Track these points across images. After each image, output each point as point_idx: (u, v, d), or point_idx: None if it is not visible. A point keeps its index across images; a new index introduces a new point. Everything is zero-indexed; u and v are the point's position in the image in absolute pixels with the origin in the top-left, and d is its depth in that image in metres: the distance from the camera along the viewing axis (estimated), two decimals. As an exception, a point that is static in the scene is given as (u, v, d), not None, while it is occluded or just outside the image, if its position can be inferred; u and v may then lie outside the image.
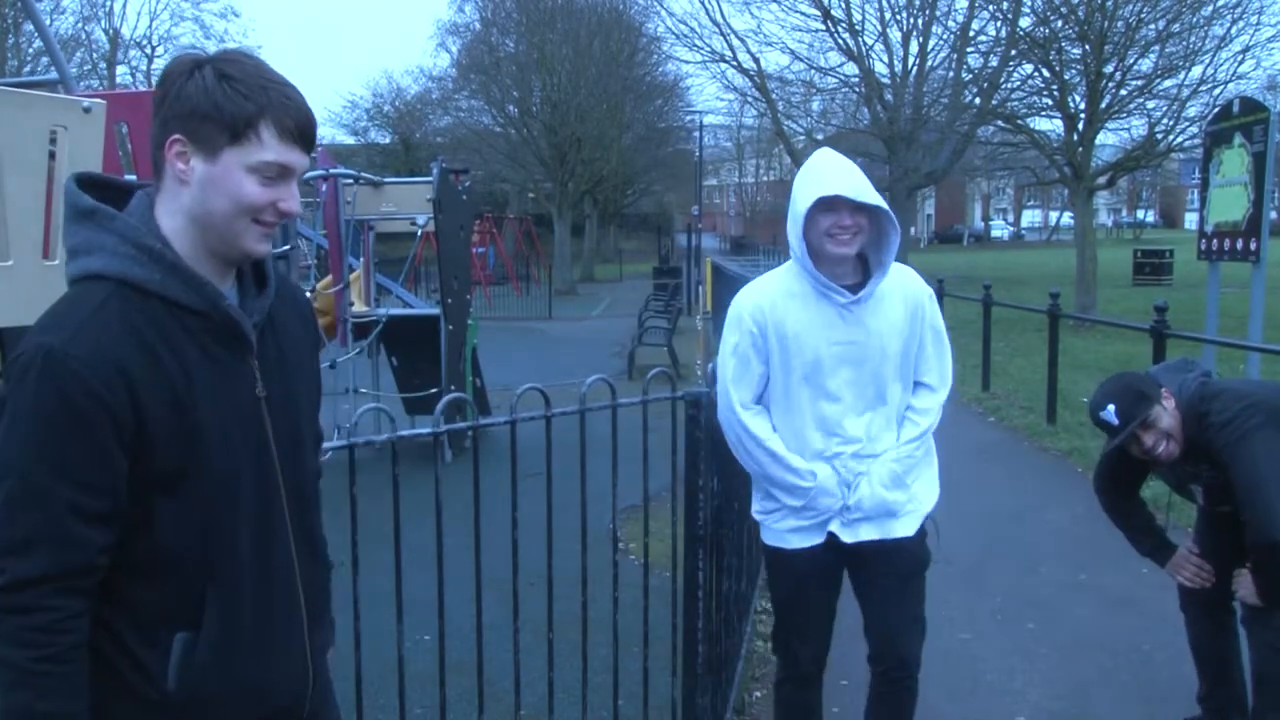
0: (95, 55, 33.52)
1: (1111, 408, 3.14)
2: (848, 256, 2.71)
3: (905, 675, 2.88)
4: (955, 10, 24.73)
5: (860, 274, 2.79)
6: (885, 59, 25.49)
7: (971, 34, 23.87)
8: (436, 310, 8.74)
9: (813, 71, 27.66)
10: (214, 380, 1.49)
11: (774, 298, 2.79)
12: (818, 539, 2.81)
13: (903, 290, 2.83)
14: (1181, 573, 3.36)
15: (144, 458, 1.43)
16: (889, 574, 2.85)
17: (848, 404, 2.76)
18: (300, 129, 1.49)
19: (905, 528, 2.84)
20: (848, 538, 2.80)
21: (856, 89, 26.33)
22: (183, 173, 1.47)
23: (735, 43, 26.04)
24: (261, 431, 1.56)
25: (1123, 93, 20.80)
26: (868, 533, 2.80)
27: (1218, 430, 3.02)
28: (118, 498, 1.42)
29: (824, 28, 24.97)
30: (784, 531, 2.84)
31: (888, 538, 2.81)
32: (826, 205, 2.65)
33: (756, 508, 2.94)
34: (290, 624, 1.62)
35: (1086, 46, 19.90)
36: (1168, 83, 20.91)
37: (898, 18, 25.36)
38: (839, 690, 3.22)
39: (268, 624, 1.57)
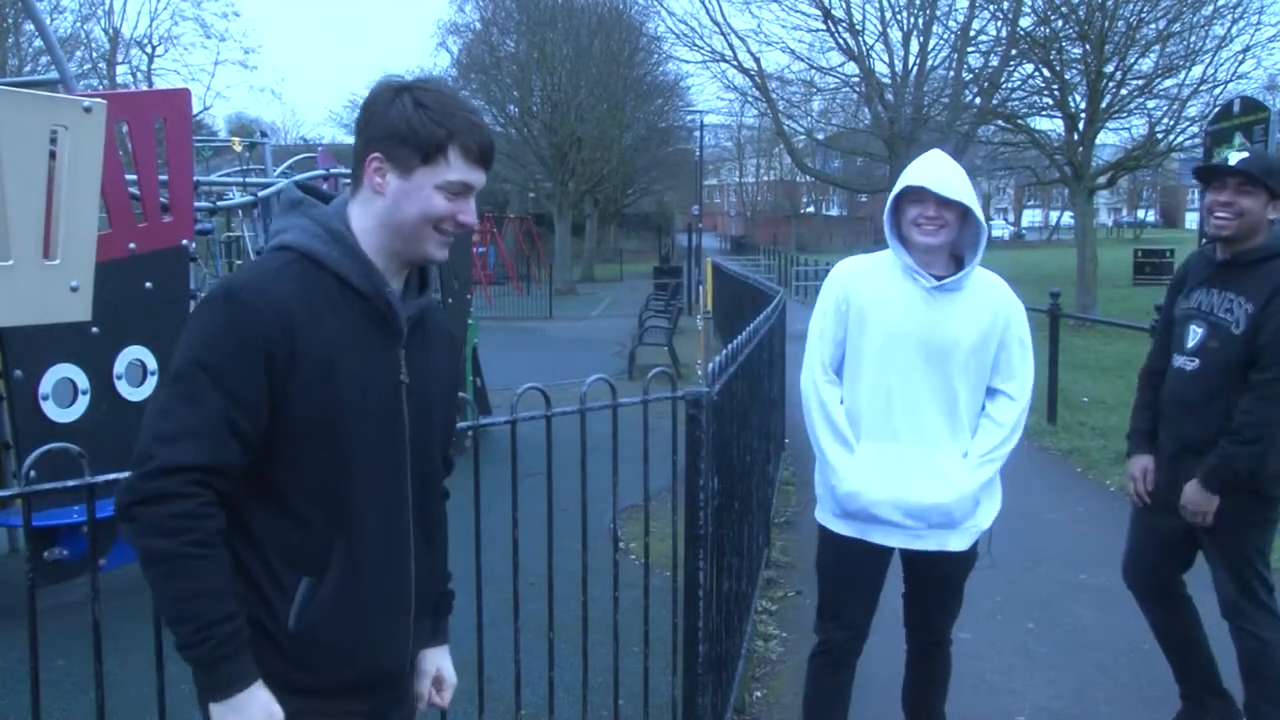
0: (95, 55, 33.47)
1: (1247, 156, 3.12)
2: (932, 246, 2.81)
3: (942, 648, 3.14)
4: (955, 10, 24.71)
5: (952, 269, 2.88)
6: (886, 59, 25.47)
7: (972, 34, 23.86)
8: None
9: (813, 71, 27.65)
10: (362, 356, 1.65)
11: (865, 269, 2.98)
12: (863, 534, 2.93)
13: (991, 295, 2.92)
14: (1134, 477, 3.37)
15: (287, 401, 1.59)
16: (939, 580, 3.02)
17: (914, 387, 2.83)
18: (482, 152, 1.68)
19: (960, 542, 2.89)
20: (897, 543, 2.91)
21: (857, 89, 26.33)
22: (379, 185, 1.67)
23: (735, 42, 26.05)
24: (398, 414, 1.70)
25: (1123, 92, 20.80)
26: (922, 544, 2.89)
27: None
28: (257, 422, 1.57)
29: (824, 27, 24.96)
30: (833, 515, 2.97)
31: (941, 550, 2.88)
32: (915, 196, 2.79)
33: (816, 490, 3.07)
34: (400, 598, 1.74)
35: (1087, 46, 19.90)
36: (1168, 82, 20.91)
37: (898, 17, 25.35)
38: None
39: (382, 590, 1.70)
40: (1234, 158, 3.10)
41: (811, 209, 70.64)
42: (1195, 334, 3.17)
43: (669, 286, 21.36)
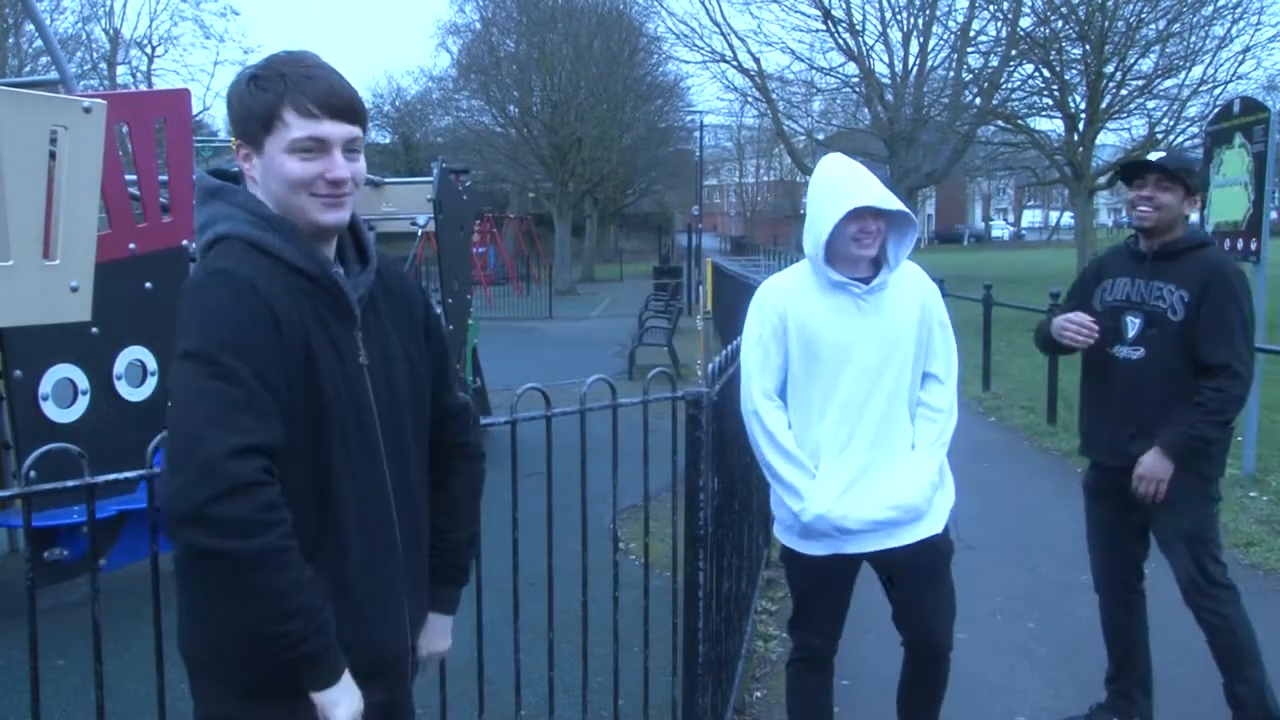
0: (95, 55, 33.47)
1: (1164, 154, 3.30)
2: (870, 256, 2.83)
3: (942, 658, 3.00)
4: (955, 10, 24.73)
5: (871, 269, 2.89)
6: (885, 59, 25.49)
7: (972, 34, 23.88)
8: (437, 310, 8.72)
9: (813, 71, 27.68)
10: (326, 340, 1.62)
11: (794, 289, 2.91)
12: (835, 549, 2.87)
13: (913, 283, 2.95)
14: (1067, 328, 3.36)
15: (290, 383, 1.55)
16: (920, 571, 2.91)
17: (864, 395, 2.82)
18: (321, 103, 1.60)
19: (932, 526, 2.89)
20: (872, 547, 2.85)
21: (857, 89, 26.34)
22: (250, 170, 1.66)
23: (735, 43, 26.06)
24: (365, 398, 1.67)
25: (1123, 93, 20.82)
26: (897, 541, 2.84)
27: (1215, 263, 3.23)
28: (281, 397, 1.52)
29: (824, 28, 24.97)
30: (799, 538, 2.90)
31: (918, 540, 2.86)
32: (854, 214, 2.76)
33: (775, 514, 3.01)
34: (392, 583, 1.72)
35: (1087, 46, 19.91)
36: (1168, 83, 20.94)
37: (898, 18, 25.36)
38: (840, 690, 3.21)
39: (372, 578, 1.67)
40: (1153, 156, 3.28)
41: (811, 209, 70.54)
42: (1133, 324, 3.32)
43: (669, 287, 21.39)
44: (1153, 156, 3.30)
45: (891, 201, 2.78)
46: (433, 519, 1.87)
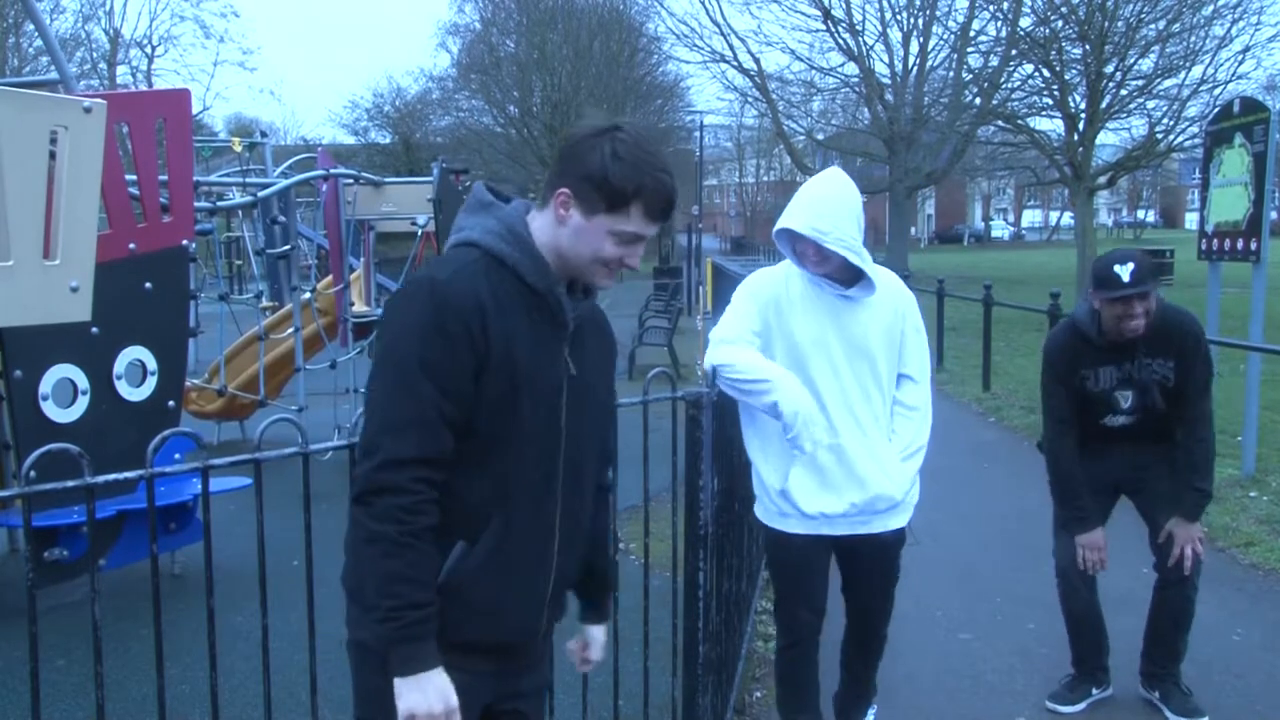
0: (95, 55, 33.51)
1: (1132, 266, 3.43)
2: (820, 273, 2.98)
3: (882, 628, 3.30)
4: (955, 10, 24.77)
5: (848, 273, 3.00)
6: (885, 59, 25.52)
7: (972, 34, 23.89)
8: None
9: (813, 71, 27.71)
10: (536, 347, 1.80)
11: (780, 279, 3.07)
12: (816, 530, 3.07)
13: (890, 292, 3.08)
14: (1092, 553, 3.67)
15: (480, 385, 1.73)
16: (879, 565, 3.17)
17: (843, 386, 2.99)
18: (664, 210, 1.82)
19: (902, 519, 3.11)
20: (845, 530, 3.06)
21: (857, 89, 26.36)
22: (562, 217, 1.81)
23: (735, 43, 26.10)
24: (559, 403, 1.84)
25: (1123, 93, 20.82)
26: (869, 529, 3.07)
27: (1182, 326, 3.57)
28: (465, 410, 1.73)
29: (824, 28, 24.99)
30: (779, 515, 3.11)
31: (886, 530, 3.09)
32: (791, 233, 2.93)
33: (757, 508, 3.20)
34: (539, 574, 1.89)
35: (1087, 46, 19.91)
36: (1168, 83, 20.94)
37: (898, 18, 25.38)
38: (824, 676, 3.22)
39: (524, 563, 1.85)
40: (1124, 272, 3.41)
41: (811, 209, 70.51)
42: (1127, 398, 3.63)
43: (669, 287, 21.36)
44: (1120, 271, 3.41)
45: (833, 239, 2.86)
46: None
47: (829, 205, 2.90)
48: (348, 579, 1.83)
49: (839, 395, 2.99)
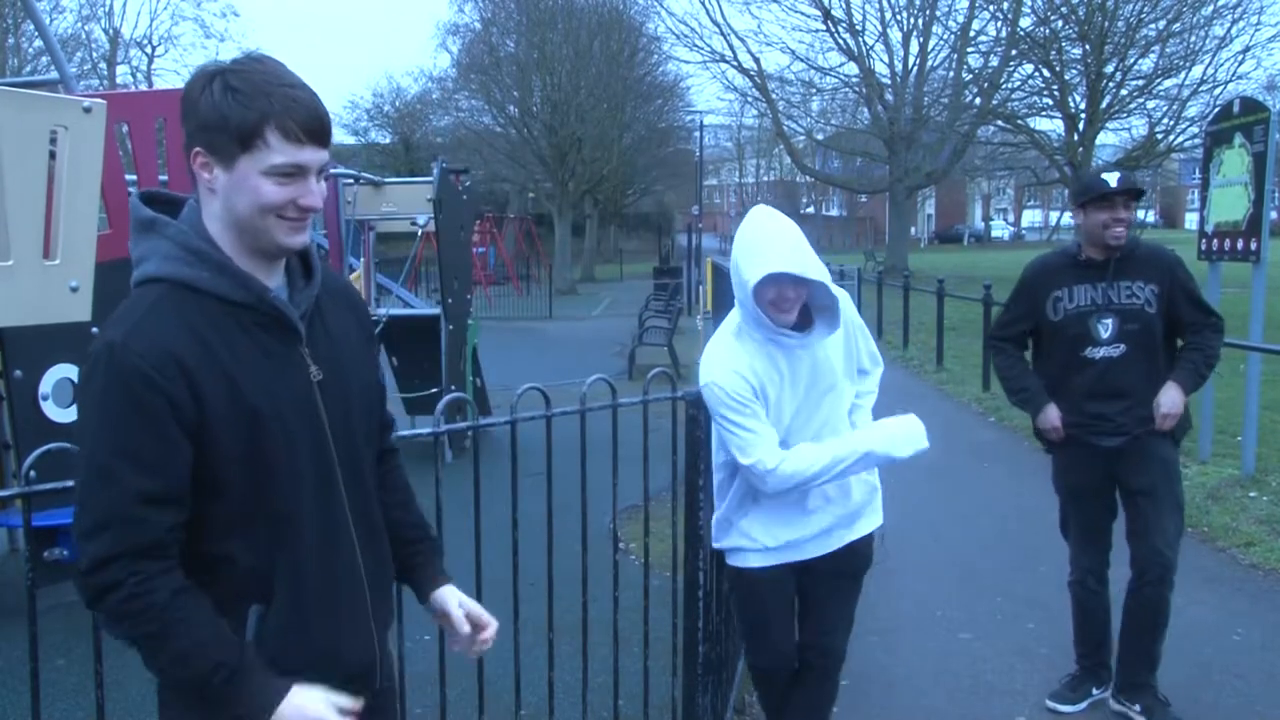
0: (95, 55, 33.53)
1: (1118, 173, 3.53)
2: (791, 320, 2.75)
3: (834, 665, 3.00)
4: (955, 10, 24.77)
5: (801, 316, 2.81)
6: (885, 59, 25.53)
7: (972, 34, 23.90)
8: (437, 310, 8.74)
9: (813, 71, 27.71)
10: (267, 369, 1.60)
11: (746, 355, 2.77)
12: (782, 560, 2.89)
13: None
14: (1051, 423, 3.66)
15: (209, 443, 1.54)
16: (848, 575, 2.96)
17: (823, 420, 2.82)
18: (306, 128, 1.56)
19: (872, 521, 2.96)
20: (835, 545, 2.88)
21: (857, 89, 26.36)
22: (209, 181, 1.58)
23: (735, 43, 26.14)
24: (316, 416, 1.65)
25: (1123, 93, 20.84)
26: (855, 535, 2.91)
27: (1166, 255, 3.64)
28: (181, 481, 1.53)
29: (824, 28, 25.01)
30: (752, 553, 2.89)
31: (858, 537, 2.92)
32: (772, 280, 2.67)
33: (722, 543, 2.95)
34: (354, 598, 1.72)
35: (1087, 46, 19.92)
36: (1168, 83, 20.97)
37: (898, 18, 25.39)
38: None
39: (332, 597, 1.68)
40: (1111, 178, 3.51)
41: (811, 209, 70.59)
42: (1107, 325, 3.58)
43: (669, 287, 21.37)
44: (1107, 177, 3.52)
45: (810, 270, 2.68)
46: (390, 517, 1.88)
47: (788, 238, 2.72)
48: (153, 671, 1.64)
49: (822, 429, 2.82)
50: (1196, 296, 3.63)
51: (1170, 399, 3.53)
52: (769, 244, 2.70)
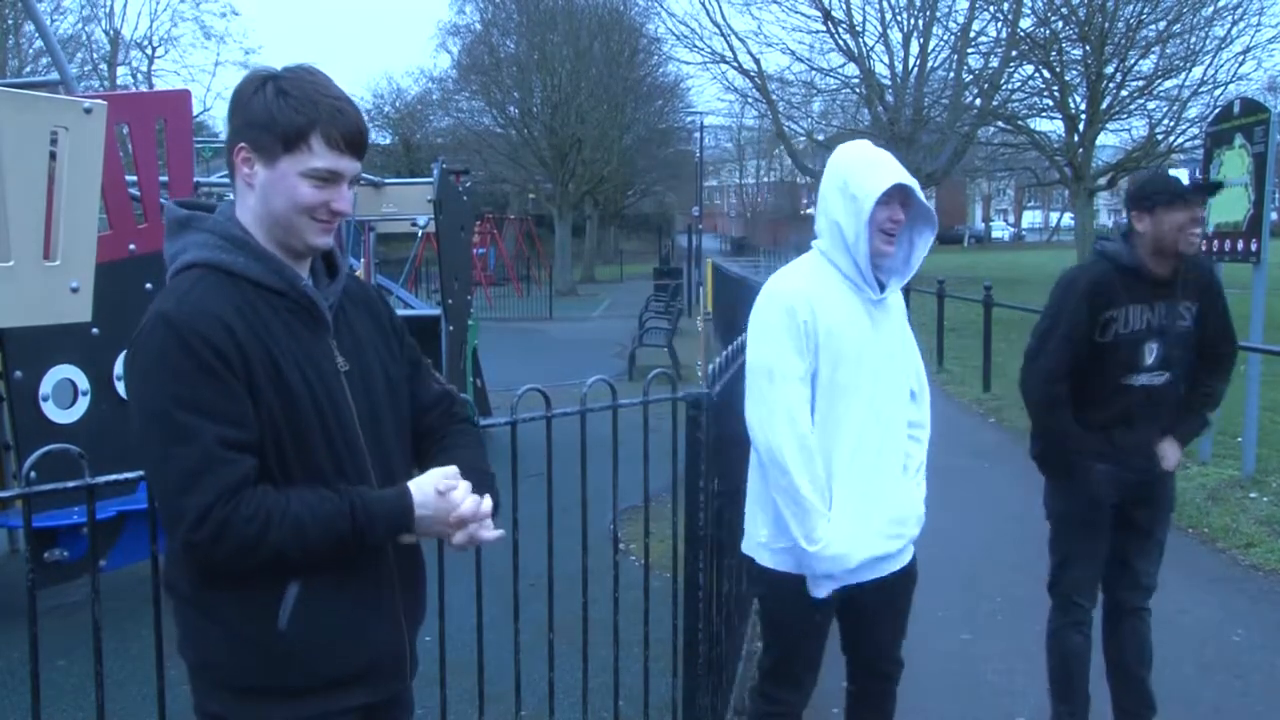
0: (96, 56, 33.54)
1: (1187, 171, 3.23)
2: (890, 253, 2.57)
3: (898, 672, 2.84)
4: (956, 11, 24.77)
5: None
6: (886, 60, 25.53)
7: (972, 35, 23.91)
8: (437, 311, 8.74)
9: (813, 72, 27.73)
10: (300, 352, 1.67)
11: (812, 285, 2.56)
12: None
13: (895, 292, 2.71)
14: (1101, 485, 3.18)
15: (254, 404, 1.60)
16: (899, 600, 2.75)
17: (879, 412, 2.58)
18: (348, 139, 1.66)
19: (912, 551, 2.76)
20: (890, 568, 2.67)
21: (857, 90, 26.37)
22: (248, 176, 1.67)
23: (736, 44, 26.13)
24: (344, 403, 1.71)
25: (1123, 93, 20.85)
26: (890, 566, 2.67)
27: (1204, 266, 3.33)
28: (252, 429, 1.59)
29: (825, 29, 25.02)
30: (803, 570, 2.60)
31: (905, 565, 2.72)
32: (887, 198, 2.48)
33: (765, 534, 2.67)
34: (380, 587, 1.76)
35: (1087, 47, 19.93)
36: (1168, 83, 20.98)
37: (898, 19, 25.40)
38: (841, 694, 3.21)
39: (363, 580, 1.72)
40: (1183, 175, 3.09)
41: (811, 210, 70.62)
42: (1153, 350, 3.14)
43: (669, 288, 21.38)
44: (1177, 174, 3.08)
45: (920, 192, 2.55)
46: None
47: (894, 160, 2.54)
48: (185, 649, 1.70)
49: (879, 422, 2.56)
50: (1229, 318, 3.27)
51: (1174, 459, 3.24)
52: (882, 161, 2.53)
